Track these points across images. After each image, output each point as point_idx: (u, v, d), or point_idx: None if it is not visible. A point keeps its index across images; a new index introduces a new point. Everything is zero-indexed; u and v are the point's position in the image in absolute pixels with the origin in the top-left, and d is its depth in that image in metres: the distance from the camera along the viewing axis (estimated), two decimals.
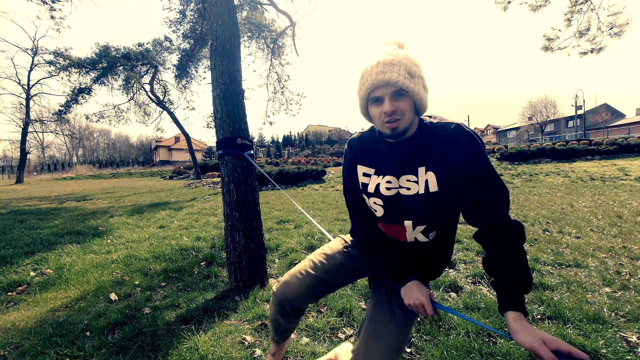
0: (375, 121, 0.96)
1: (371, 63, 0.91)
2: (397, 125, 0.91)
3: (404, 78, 0.87)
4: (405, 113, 0.90)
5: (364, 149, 1.07)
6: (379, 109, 0.92)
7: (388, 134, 0.95)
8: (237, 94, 2.56)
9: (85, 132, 56.67)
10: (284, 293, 1.20)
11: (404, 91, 0.89)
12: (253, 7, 11.19)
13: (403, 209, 1.01)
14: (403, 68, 0.88)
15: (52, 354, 1.65)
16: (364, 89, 0.93)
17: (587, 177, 10.95)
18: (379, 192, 1.02)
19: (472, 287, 2.43)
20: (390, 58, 0.89)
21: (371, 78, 0.90)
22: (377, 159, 1.04)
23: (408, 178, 0.98)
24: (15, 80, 24.14)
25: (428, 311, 0.94)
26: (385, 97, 0.90)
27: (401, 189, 0.99)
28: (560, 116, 41.72)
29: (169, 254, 3.37)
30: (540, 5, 6.22)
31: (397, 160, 0.99)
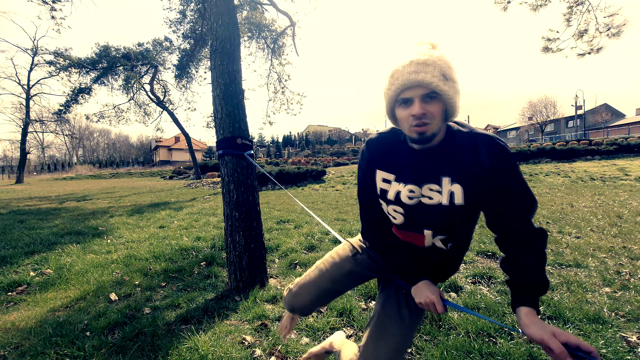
0: (403, 124, 0.90)
1: (403, 62, 0.85)
2: (426, 130, 0.85)
3: (438, 80, 0.82)
4: (435, 117, 0.85)
5: (384, 153, 1.01)
6: (407, 111, 0.86)
7: (415, 139, 0.89)
8: (237, 94, 2.56)
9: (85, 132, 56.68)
10: (293, 303, 1.28)
11: (436, 94, 0.84)
12: (253, 7, 11.20)
13: (425, 218, 0.97)
14: (437, 69, 0.83)
15: (52, 354, 1.65)
16: (393, 89, 0.87)
17: (587, 177, 10.95)
18: (400, 200, 0.97)
19: (472, 287, 2.43)
20: (424, 58, 0.84)
21: (402, 77, 0.84)
22: (399, 164, 0.98)
23: (431, 187, 0.93)
24: (15, 80, 24.16)
25: (439, 309, 0.94)
26: (416, 99, 0.84)
27: (423, 198, 0.95)
28: (560, 116, 41.72)
29: (169, 254, 3.37)
30: (540, 5, 6.23)
31: (420, 167, 0.94)
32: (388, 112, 0.94)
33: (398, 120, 0.91)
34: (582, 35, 6.13)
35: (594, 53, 6.12)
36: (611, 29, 5.79)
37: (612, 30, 5.79)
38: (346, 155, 32.25)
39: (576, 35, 6.18)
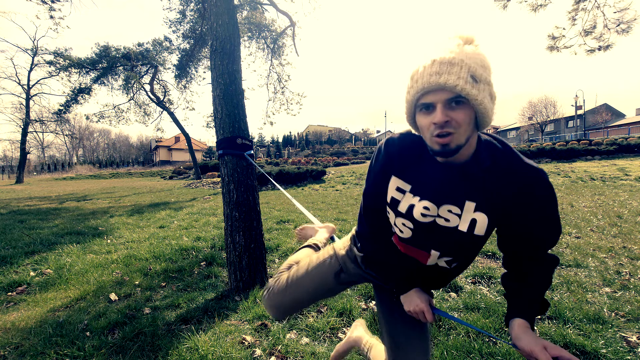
0: (424, 133, 0.78)
1: (426, 61, 0.73)
2: (449, 141, 0.73)
3: (465, 82, 0.69)
4: (461, 126, 0.72)
5: (404, 158, 0.87)
6: (428, 119, 0.74)
7: (436, 150, 0.76)
8: (237, 94, 2.56)
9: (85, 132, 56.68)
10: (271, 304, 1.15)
11: (464, 98, 0.71)
12: (253, 7, 11.19)
13: (435, 239, 0.87)
14: (465, 69, 0.70)
15: (52, 354, 1.65)
16: (412, 92, 0.75)
17: (587, 177, 10.96)
18: (412, 215, 0.86)
19: (472, 287, 2.43)
20: (450, 56, 0.70)
21: (422, 80, 0.72)
22: (419, 175, 0.85)
23: (450, 209, 0.82)
24: (15, 80, 24.16)
25: (428, 318, 0.90)
26: (438, 105, 0.72)
27: (439, 219, 0.84)
28: (560, 116, 41.72)
29: (169, 254, 3.37)
30: (540, 5, 6.22)
31: (443, 184, 0.82)
32: (408, 117, 0.82)
33: (419, 127, 0.80)
34: (590, 32, 6.07)
35: (603, 50, 6.06)
36: (621, 24, 5.72)
37: (621, 26, 5.72)
38: (346, 155, 32.23)
39: (583, 32, 6.12)
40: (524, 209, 0.78)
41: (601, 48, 6.07)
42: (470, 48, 0.73)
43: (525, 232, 0.81)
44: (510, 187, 0.77)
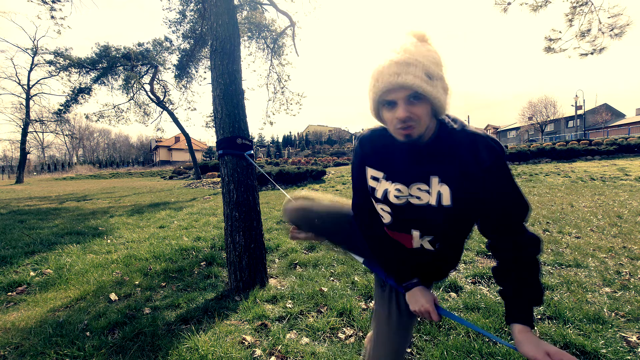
0: (388, 126, 0.87)
1: (384, 61, 0.80)
2: (412, 133, 0.82)
3: (421, 81, 0.77)
4: (421, 119, 0.81)
5: (375, 150, 0.98)
6: (391, 114, 0.82)
7: (402, 141, 0.86)
8: (237, 94, 2.56)
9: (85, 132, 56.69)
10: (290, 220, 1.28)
11: (421, 95, 0.79)
12: (253, 7, 11.19)
13: (412, 218, 0.94)
14: (420, 68, 0.77)
15: (52, 354, 1.65)
16: (375, 91, 0.82)
17: (587, 177, 10.95)
18: (387, 199, 0.95)
19: (472, 287, 2.43)
20: (406, 57, 0.78)
21: (383, 80, 0.79)
22: (388, 162, 0.96)
23: (419, 187, 0.90)
24: (15, 80, 24.16)
25: (434, 317, 0.93)
26: (399, 102, 0.80)
27: (411, 198, 0.92)
28: (560, 116, 41.73)
29: (169, 254, 3.37)
30: (540, 5, 6.23)
31: (410, 166, 0.91)
32: (373, 112, 0.89)
33: (384, 120, 0.88)
34: (585, 36, 6.13)
35: (596, 53, 6.12)
36: (614, 29, 5.79)
37: (615, 31, 5.79)
38: (346, 155, 32.24)
39: (579, 36, 6.17)
40: (484, 173, 0.84)
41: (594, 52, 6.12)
42: (424, 46, 0.81)
43: (486, 202, 0.87)
44: (470, 155, 0.85)
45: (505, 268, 0.87)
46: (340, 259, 3.11)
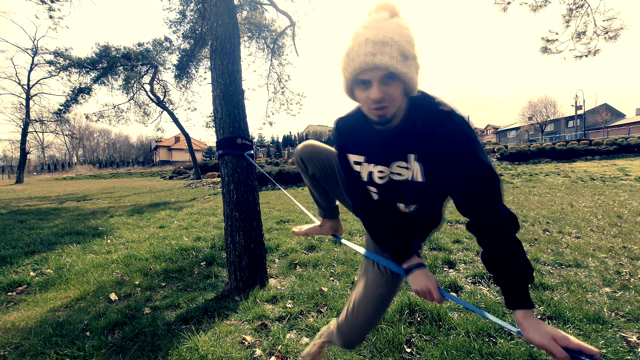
0: (362, 105, 0.88)
1: (359, 39, 0.79)
2: (386, 112, 0.83)
3: (396, 61, 0.76)
4: (395, 99, 0.82)
5: (352, 136, 1.01)
6: (366, 93, 0.83)
7: (376, 121, 0.89)
8: (237, 94, 2.56)
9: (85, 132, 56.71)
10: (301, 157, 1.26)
11: (396, 75, 0.78)
12: (253, 7, 11.20)
13: (396, 194, 1.01)
14: (395, 49, 0.77)
15: (52, 354, 1.65)
16: (349, 70, 0.82)
17: (587, 177, 10.95)
18: (373, 180, 1.01)
19: (472, 287, 2.43)
20: (382, 35, 0.77)
21: (359, 59, 0.78)
22: (366, 145, 0.99)
23: (399, 164, 0.95)
24: (15, 80, 24.19)
25: (435, 297, 0.94)
26: (374, 82, 0.80)
27: (393, 175, 0.98)
28: (560, 116, 41.74)
29: (169, 254, 3.37)
30: (540, 5, 6.24)
31: (387, 148, 0.95)
32: (347, 91, 0.89)
33: (357, 99, 0.89)
34: (580, 37, 6.17)
35: (590, 55, 6.17)
36: (609, 32, 5.83)
37: (609, 34, 5.83)
38: None
39: (574, 37, 6.21)
40: (444, 155, 0.87)
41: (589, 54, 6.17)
42: (396, 23, 0.80)
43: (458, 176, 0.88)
44: (429, 136, 0.88)
45: (490, 250, 0.88)
46: (340, 258, 3.11)
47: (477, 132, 0.89)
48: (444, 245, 3.45)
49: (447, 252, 3.28)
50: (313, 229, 1.49)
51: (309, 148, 1.23)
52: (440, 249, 3.39)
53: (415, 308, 2.00)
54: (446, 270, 2.79)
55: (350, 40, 0.83)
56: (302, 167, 1.28)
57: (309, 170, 1.25)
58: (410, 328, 1.84)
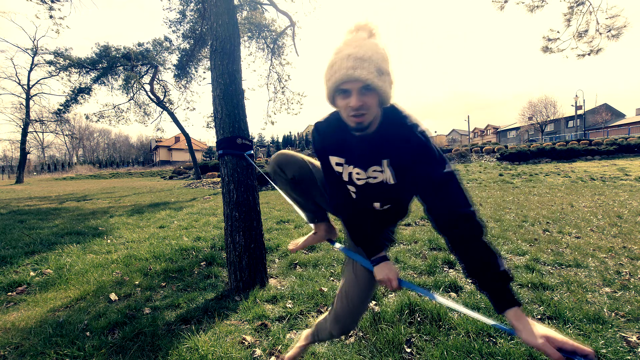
0: (342, 112, 0.99)
1: (342, 54, 0.91)
2: (363, 120, 0.94)
3: (374, 76, 0.89)
4: (371, 108, 0.93)
5: (333, 139, 1.12)
6: (345, 102, 0.94)
7: (353, 128, 0.98)
8: (237, 94, 2.56)
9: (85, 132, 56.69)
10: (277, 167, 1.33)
11: (372, 87, 0.90)
12: (253, 7, 11.19)
13: (372, 194, 1.13)
14: (373, 65, 0.89)
15: (52, 354, 1.65)
16: (332, 80, 0.93)
17: (587, 177, 10.95)
18: (352, 180, 1.13)
19: (472, 287, 2.43)
20: (362, 52, 0.89)
21: (341, 72, 0.90)
22: (346, 149, 1.10)
23: (374, 169, 1.06)
24: (15, 80, 24.20)
25: (394, 285, 1.08)
26: (353, 92, 0.91)
27: (369, 179, 1.09)
28: (560, 116, 41.72)
29: (169, 254, 3.37)
30: (537, 6, 6.23)
31: (364, 153, 1.06)
32: (329, 99, 1.00)
33: (338, 107, 0.99)
34: (582, 36, 6.14)
35: (593, 54, 6.14)
36: (612, 30, 5.80)
37: (612, 32, 5.80)
38: None
39: (576, 36, 6.19)
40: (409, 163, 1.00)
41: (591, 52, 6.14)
42: (374, 43, 0.93)
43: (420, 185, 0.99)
44: (396, 148, 1.01)
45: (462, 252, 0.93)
46: (340, 258, 3.11)
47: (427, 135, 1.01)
48: (444, 245, 3.45)
49: (447, 252, 3.28)
50: (309, 239, 1.52)
51: (284, 155, 1.32)
52: (440, 249, 3.39)
53: (415, 308, 2.01)
54: (446, 270, 2.79)
55: (333, 54, 0.94)
56: (280, 175, 1.34)
57: (288, 174, 1.31)
58: (410, 328, 1.84)
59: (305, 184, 1.35)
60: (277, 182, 1.38)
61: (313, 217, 1.46)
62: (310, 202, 1.41)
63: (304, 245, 1.53)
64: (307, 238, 1.53)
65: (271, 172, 1.36)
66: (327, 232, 1.50)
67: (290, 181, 1.34)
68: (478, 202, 6.90)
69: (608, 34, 5.86)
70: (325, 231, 1.50)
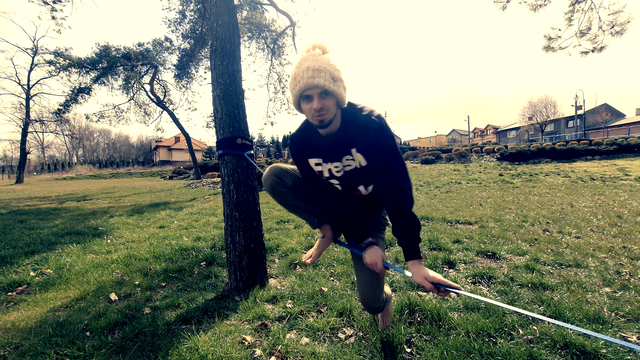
0: (307, 114, 1.21)
1: (302, 67, 1.14)
2: (324, 118, 1.17)
3: (329, 83, 1.12)
4: (330, 108, 1.16)
5: (308, 144, 1.33)
6: (309, 105, 1.16)
7: (317, 125, 1.20)
8: (237, 94, 2.56)
9: (85, 132, 56.70)
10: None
11: (329, 92, 1.13)
12: (253, 7, 11.19)
13: (353, 180, 1.34)
14: (328, 74, 1.12)
15: (52, 354, 1.65)
16: (297, 89, 1.15)
17: (587, 177, 10.95)
18: (333, 174, 1.34)
19: (472, 287, 2.43)
20: (318, 65, 1.12)
21: (303, 81, 1.13)
22: (320, 149, 1.31)
23: (347, 158, 1.28)
24: (15, 80, 24.20)
25: (379, 268, 1.27)
26: (314, 96, 1.13)
27: (345, 167, 1.30)
28: (560, 116, 41.71)
29: (169, 254, 3.37)
30: (540, 5, 6.22)
31: (335, 148, 1.28)
32: (295, 104, 1.22)
33: (303, 110, 1.22)
34: (585, 34, 6.11)
35: (597, 51, 6.10)
36: (615, 26, 5.76)
37: (615, 28, 5.76)
38: None
39: (578, 34, 6.16)
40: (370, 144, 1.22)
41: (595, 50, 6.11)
42: (327, 57, 1.16)
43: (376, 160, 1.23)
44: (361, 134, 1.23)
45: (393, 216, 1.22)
46: (340, 258, 3.11)
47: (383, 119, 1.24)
48: (444, 245, 3.45)
49: (447, 252, 3.28)
50: (320, 244, 1.60)
51: (278, 167, 1.46)
52: (440, 249, 3.39)
53: (415, 308, 2.01)
54: (446, 270, 2.79)
55: (295, 68, 1.18)
56: (280, 184, 1.45)
57: (288, 182, 1.44)
58: (410, 328, 1.84)
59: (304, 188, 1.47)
60: (278, 193, 1.47)
61: (314, 220, 1.53)
62: (310, 205, 1.50)
63: (318, 253, 1.62)
64: (318, 245, 1.61)
65: (271, 184, 1.46)
66: (333, 232, 1.57)
67: (292, 187, 1.45)
68: (478, 202, 6.90)
69: (611, 30, 5.81)
70: (332, 231, 1.56)
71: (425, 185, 10.97)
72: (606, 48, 6.01)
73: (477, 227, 4.46)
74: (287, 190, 1.45)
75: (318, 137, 1.28)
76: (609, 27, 5.83)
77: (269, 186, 1.46)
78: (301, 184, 1.46)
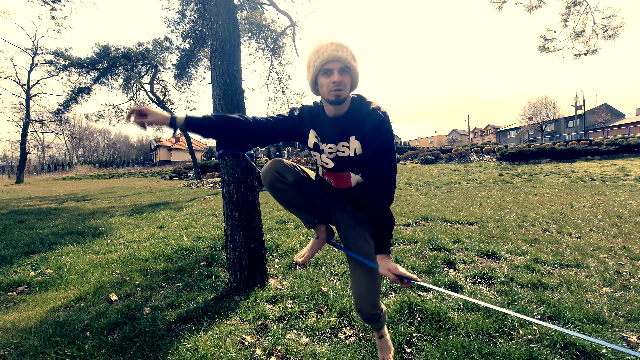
0: (323, 89, 1.20)
1: (325, 43, 1.16)
2: (341, 94, 1.17)
3: (351, 58, 1.16)
4: (347, 85, 1.18)
5: (314, 119, 1.35)
6: (328, 79, 1.16)
7: (332, 100, 1.20)
8: (237, 94, 2.56)
9: (85, 132, 56.69)
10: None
11: (349, 68, 1.16)
12: (253, 7, 11.19)
13: (344, 164, 1.35)
14: (349, 52, 1.16)
15: (52, 354, 1.65)
16: (319, 61, 1.16)
17: (587, 177, 10.96)
18: (324, 152, 1.36)
19: (472, 287, 2.43)
20: (341, 41, 1.16)
21: (327, 53, 1.14)
22: (322, 129, 1.33)
23: (343, 144, 1.30)
24: (15, 80, 24.19)
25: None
26: (335, 70, 1.15)
27: (339, 152, 1.32)
28: (560, 116, 41.72)
29: (169, 254, 3.37)
30: (535, 7, 6.23)
31: (335, 131, 1.30)
32: (311, 79, 1.23)
33: (319, 86, 1.21)
34: (579, 36, 6.15)
35: (589, 54, 6.14)
36: (608, 30, 5.81)
37: (608, 32, 5.81)
38: None
39: (573, 36, 6.19)
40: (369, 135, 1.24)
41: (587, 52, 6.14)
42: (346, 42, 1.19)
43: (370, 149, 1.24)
44: (364, 123, 1.24)
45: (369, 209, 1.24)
46: (340, 258, 3.11)
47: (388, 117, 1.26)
48: (444, 245, 3.45)
49: (447, 252, 3.28)
50: (313, 245, 1.57)
51: (279, 162, 1.43)
52: (441, 249, 3.39)
53: (415, 308, 2.01)
54: (446, 270, 2.79)
55: (317, 43, 1.19)
56: (280, 181, 1.39)
57: (289, 179, 1.40)
58: (410, 328, 1.84)
59: (305, 186, 1.43)
60: (277, 189, 1.41)
61: (313, 219, 1.50)
62: (309, 204, 1.47)
63: (311, 254, 1.58)
64: (312, 245, 1.58)
65: (270, 180, 1.39)
66: (327, 234, 1.55)
67: (292, 185, 1.40)
68: (478, 202, 6.90)
69: (605, 34, 5.86)
70: (326, 232, 1.55)
71: (426, 185, 10.97)
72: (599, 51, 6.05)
73: (477, 227, 4.46)
74: (287, 187, 1.39)
75: (323, 118, 1.31)
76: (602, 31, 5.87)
77: (268, 182, 1.39)
78: (302, 182, 1.41)
